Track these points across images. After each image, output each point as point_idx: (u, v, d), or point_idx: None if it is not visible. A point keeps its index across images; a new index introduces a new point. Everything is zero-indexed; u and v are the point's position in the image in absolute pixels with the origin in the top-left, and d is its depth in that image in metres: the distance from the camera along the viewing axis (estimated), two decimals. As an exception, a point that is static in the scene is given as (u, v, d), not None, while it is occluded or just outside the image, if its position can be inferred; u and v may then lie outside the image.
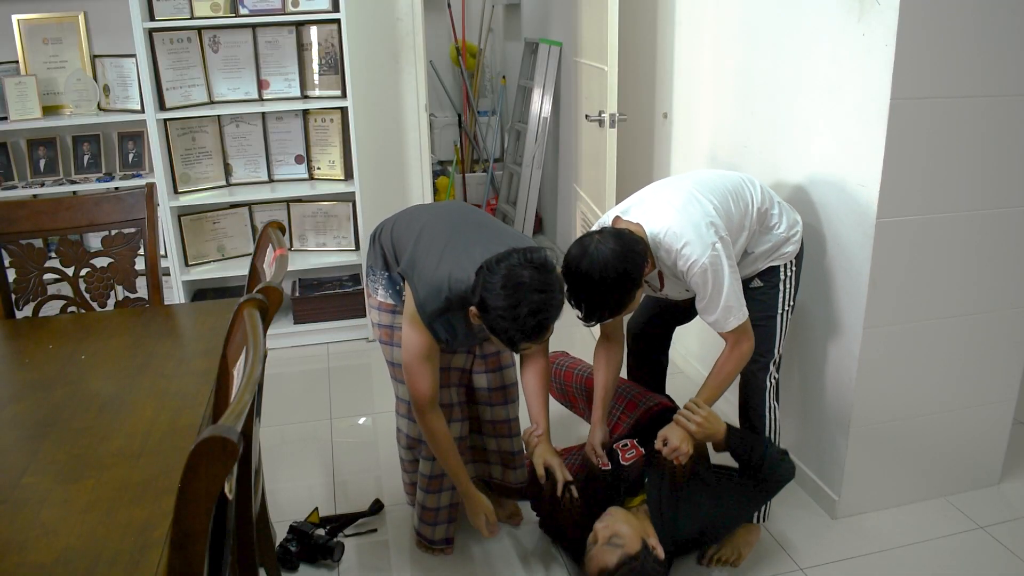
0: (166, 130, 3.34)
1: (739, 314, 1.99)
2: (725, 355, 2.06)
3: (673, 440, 1.99)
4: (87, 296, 2.17)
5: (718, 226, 1.95)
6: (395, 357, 2.11)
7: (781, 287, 2.15)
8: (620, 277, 1.86)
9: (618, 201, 3.17)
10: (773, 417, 2.23)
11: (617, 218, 2.06)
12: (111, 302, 2.21)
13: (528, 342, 1.77)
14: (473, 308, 1.79)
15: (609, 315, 1.95)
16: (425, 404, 1.93)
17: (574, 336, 3.29)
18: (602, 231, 1.94)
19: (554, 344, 2.12)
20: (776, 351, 2.19)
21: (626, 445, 2.17)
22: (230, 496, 1.31)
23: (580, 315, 1.94)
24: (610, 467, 2.13)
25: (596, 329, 2.44)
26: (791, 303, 2.18)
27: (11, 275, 2.12)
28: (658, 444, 2.02)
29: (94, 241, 3.40)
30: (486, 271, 1.75)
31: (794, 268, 2.16)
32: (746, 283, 2.13)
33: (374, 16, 3.49)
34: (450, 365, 2.13)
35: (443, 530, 2.22)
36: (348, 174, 3.53)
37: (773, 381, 2.21)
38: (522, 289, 1.70)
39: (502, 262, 1.74)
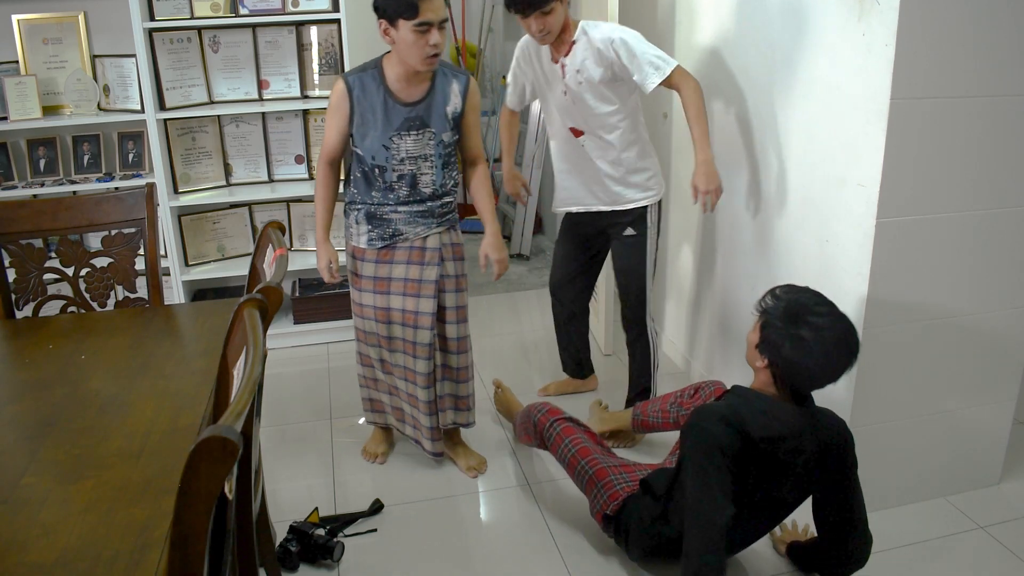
0: (166, 130, 3.34)
1: (669, 60, 2.38)
2: (686, 99, 2.39)
3: (701, 185, 2.36)
4: (87, 296, 2.17)
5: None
6: (360, 298, 2.51)
7: (649, 234, 2.59)
8: None
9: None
10: (655, 357, 2.70)
11: None
12: (111, 302, 2.21)
13: None
14: (381, 23, 2.21)
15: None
16: (323, 156, 2.41)
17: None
18: None
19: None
20: (647, 303, 2.64)
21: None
22: (230, 496, 1.32)
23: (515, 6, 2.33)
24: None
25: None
26: (655, 252, 2.62)
27: (11, 275, 2.12)
28: (693, 192, 2.38)
29: (94, 241, 3.40)
30: None
31: (658, 214, 2.61)
32: (620, 231, 2.60)
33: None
34: (417, 309, 2.41)
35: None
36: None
37: (651, 331, 2.68)
38: None
39: None
